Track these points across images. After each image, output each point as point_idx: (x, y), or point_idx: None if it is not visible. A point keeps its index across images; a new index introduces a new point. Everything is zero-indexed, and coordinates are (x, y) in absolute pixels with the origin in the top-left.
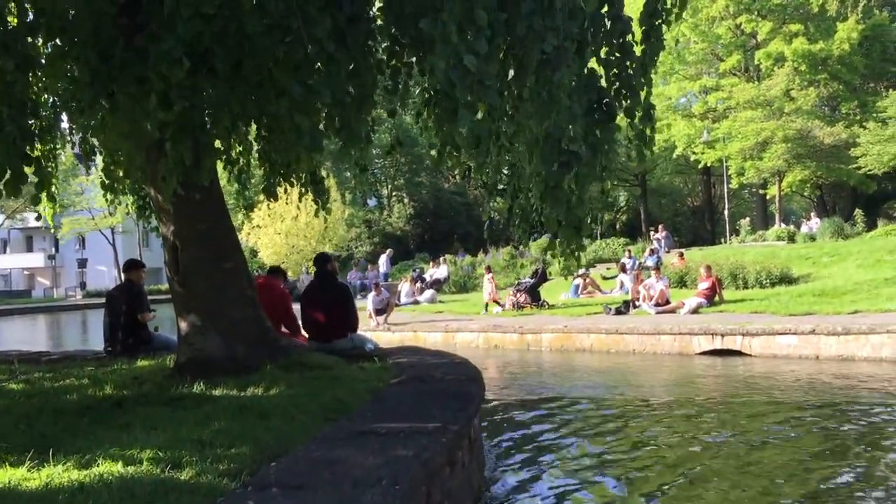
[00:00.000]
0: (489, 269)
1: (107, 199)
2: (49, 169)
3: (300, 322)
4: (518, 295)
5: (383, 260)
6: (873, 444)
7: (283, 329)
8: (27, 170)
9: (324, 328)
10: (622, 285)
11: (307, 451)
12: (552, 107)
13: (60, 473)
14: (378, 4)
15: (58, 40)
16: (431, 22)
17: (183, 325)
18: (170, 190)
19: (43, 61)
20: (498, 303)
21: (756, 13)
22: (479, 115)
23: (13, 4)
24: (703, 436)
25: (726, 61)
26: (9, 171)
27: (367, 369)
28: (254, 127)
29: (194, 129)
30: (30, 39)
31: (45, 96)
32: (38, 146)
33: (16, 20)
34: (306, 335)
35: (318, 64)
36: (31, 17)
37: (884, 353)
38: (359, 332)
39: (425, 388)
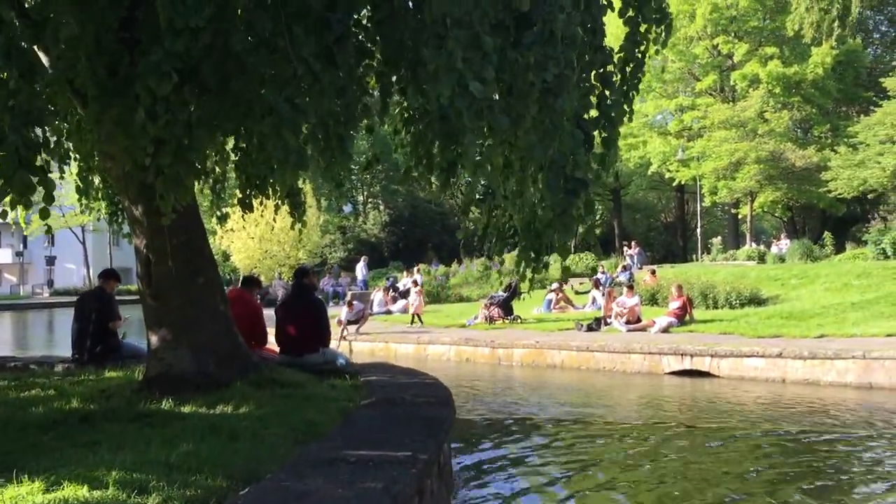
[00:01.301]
0: (416, 283)
1: (81, 204)
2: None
3: (274, 334)
4: (491, 308)
5: (360, 266)
6: (822, 475)
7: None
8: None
9: (296, 342)
10: (594, 301)
11: (276, 480)
12: (555, 134)
13: (25, 497)
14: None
15: (61, 52)
16: (435, 50)
17: (153, 338)
18: (168, 208)
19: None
20: (419, 317)
21: (733, 34)
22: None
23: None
24: (666, 462)
25: (703, 81)
26: (15, 183)
27: (338, 387)
28: (231, 139)
29: (179, 145)
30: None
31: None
32: (43, 155)
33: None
34: (277, 349)
35: (304, 83)
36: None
37: (848, 379)
38: (331, 346)
39: (396, 411)
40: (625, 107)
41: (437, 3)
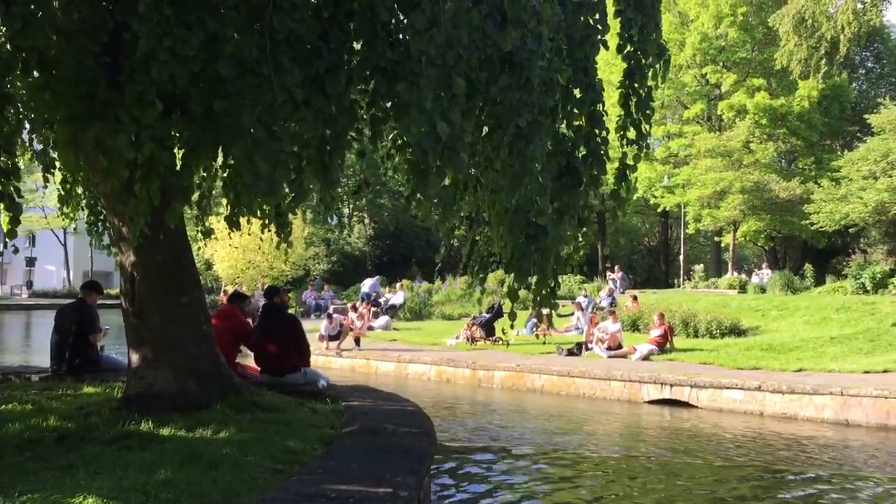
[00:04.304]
0: (355, 309)
1: (64, 213)
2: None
3: (253, 356)
4: (473, 329)
5: (372, 282)
6: None
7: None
8: None
9: (276, 361)
10: (577, 326)
11: None
12: (523, 178)
13: None
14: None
15: (35, 73)
16: (409, 87)
17: (134, 357)
18: (137, 230)
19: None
20: (356, 341)
21: (721, 65)
22: (447, 181)
23: None
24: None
25: (690, 109)
26: None
27: (319, 412)
28: (220, 157)
29: (164, 171)
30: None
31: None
32: (9, 181)
33: None
34: (258, 368)
35: (285, 111)
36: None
37: (825, 415)
38: (312, 366)
39: (377, 441)
40: (640, 142)
41: (413, 41)
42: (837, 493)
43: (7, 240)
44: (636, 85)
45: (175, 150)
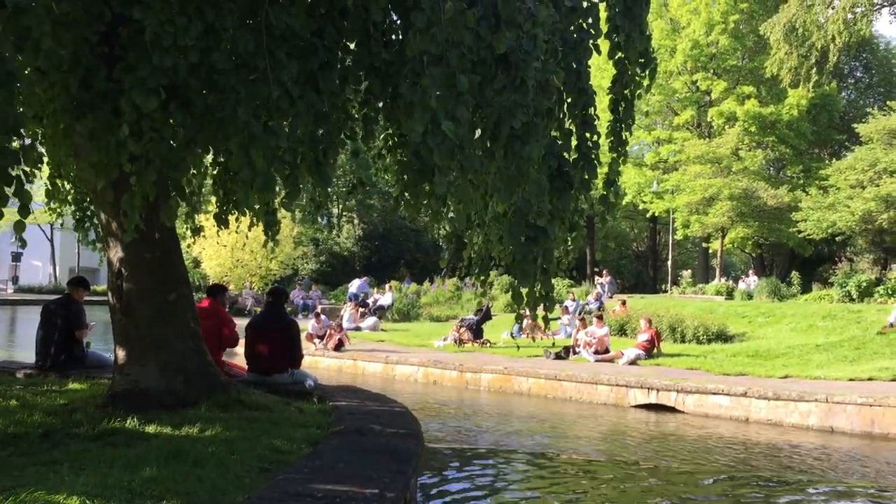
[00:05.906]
0: (341, 327)
1: (51, 208)
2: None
3: (244, 352)
4: (461, 331)
5: (360, 283)
6: None
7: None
8: (7, 190)
9: (266, 361)
10: (565, 329)
11: None
12: (520, 180)
13: None
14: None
15: (37, 63)
16: (411, 86)
17: (120, 353)
18: (132, 225)
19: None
20: (340, 346)
21: (712, 72)
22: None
23: None
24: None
25: (680, 115)
26: None
27: (306, 412)
28: (210, 153)
29: (161, 163)
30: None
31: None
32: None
33: None
34: (246, 366)
35: (281, 106)
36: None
37: (810, 422)
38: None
39: (364, 442)
40: (620, 148)
41: (415, 40)
42: (816, 498)
43: (15, 234)
44: (625, 90)
45: (171, 144)
